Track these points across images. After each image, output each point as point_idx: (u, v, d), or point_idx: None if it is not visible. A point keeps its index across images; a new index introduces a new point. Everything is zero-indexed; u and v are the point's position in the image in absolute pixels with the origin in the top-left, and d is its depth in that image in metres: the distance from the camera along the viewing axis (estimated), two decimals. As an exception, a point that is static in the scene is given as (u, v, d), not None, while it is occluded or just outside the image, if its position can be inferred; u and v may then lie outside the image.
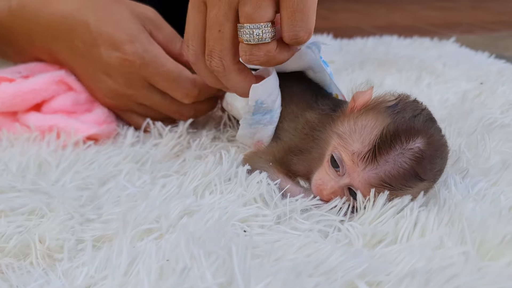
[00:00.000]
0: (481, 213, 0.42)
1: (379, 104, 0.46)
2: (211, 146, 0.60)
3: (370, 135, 0.43)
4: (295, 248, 0.39)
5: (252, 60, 0.48)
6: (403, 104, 0.45)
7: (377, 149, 0.42)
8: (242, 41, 0.47)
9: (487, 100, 0.75)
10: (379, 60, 1.00)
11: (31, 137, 0.61)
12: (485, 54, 1.05)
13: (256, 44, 0.47)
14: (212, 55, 0.49)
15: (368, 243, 0.41)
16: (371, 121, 0.44)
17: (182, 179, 0.51)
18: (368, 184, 0.43)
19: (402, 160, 0.42)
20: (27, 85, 0.62)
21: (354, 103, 0.47)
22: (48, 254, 0.41)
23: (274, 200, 0.46)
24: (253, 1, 0.45)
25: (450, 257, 0.38)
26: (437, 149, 0.43)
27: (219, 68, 0.50)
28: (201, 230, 0.39)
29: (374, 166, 0.42)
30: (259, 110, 0.53)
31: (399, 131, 0.42)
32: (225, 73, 0.50)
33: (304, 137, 0.51)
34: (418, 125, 0.43)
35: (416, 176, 0.42)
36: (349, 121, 0.45)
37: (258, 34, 0.46)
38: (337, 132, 0.46)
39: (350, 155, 0.43)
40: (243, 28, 0.47)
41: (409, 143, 0.42)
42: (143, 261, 0.36)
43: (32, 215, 0.45)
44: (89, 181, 0.53)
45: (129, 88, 0.62)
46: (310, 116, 0.53)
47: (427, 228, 0.41)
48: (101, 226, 0.44)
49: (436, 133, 0.44)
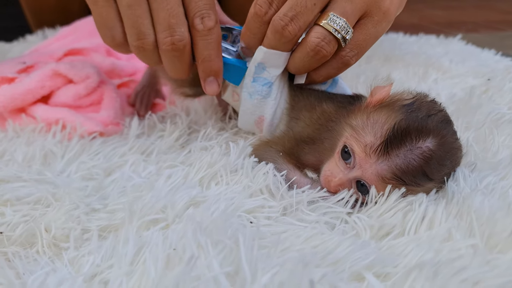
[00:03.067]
0: (489, 207, 0.42)
1: (395, 101, 0.46)
2: (216, 137, 0.59)
3: (382, 129, 0.43)
4: (302, 239, 0.39)
5: (317, 48, 0.49)
6: (419, 104, 0.45)
7: (388, 143, 0.42)
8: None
9: (495, 96, 0.74)
10: (385, 55, 1.00)
11: (37, 128, 0.61)
12: (492, 52, 1.04)
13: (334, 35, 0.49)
14: (294, 19, 0.49)
15: (375, 235, 0.41)
16: (384, 116, 0.44)
17: (188, 170, 0.51)
18: (379, 176, 0.43)
19: (411, 157, 0.42)
20: (21, 86, 0.62)
21: (371, 98, 0.47)
22: (54, 243, 0.41)
23: (281, 191, 0.46)
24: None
25: (459, 249, 0.37)
26: (448, 151, 0.43)
27: (291, 34, 0.49)
28: (208, 220, 0.39)
29: (386, 159, 0.42)
30: (259, 75, 0.53)
31: (410, 128, 0.42)
32: (293, 41, 0.50)
33: (319, 127, 0.51)
34: (430, 125, 0.43)
35: (424, 175, 0.42)
36: (363, 115, 0.46)
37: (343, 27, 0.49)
38: (350, 124, 0.46)
39: (362, 146, 0.43)
40: (334, 16, 0.49)
41: (419, 141, 0.42)
42: (150, 250, 0.36)
43: (38, 205, 0.45)
44: (94, 171, 0.53)
45: None
46: (327, 107, 0.53)
47: (435, 221, 0.41)
48: (107, 216, 0.44)
49: (449, 135, 0.44)
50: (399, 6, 0.55)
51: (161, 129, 0.63)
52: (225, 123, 0.66)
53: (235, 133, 0.64)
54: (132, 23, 0.52)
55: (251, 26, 0.52)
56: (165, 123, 0.63)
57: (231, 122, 0.66)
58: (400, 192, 0.42)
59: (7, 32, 1.10)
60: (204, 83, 0.55)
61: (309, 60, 0.51)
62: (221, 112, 0.70)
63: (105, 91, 0.65)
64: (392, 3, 0.52)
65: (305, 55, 0.51)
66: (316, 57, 0.50)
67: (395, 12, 0.53)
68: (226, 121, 0.66)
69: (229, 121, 0.66)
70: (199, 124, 0.65)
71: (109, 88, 0.66)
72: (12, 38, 1.09)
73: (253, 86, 0.54)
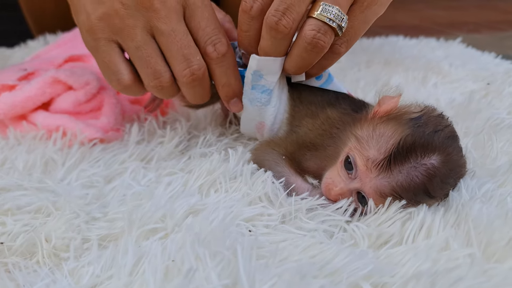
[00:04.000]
0: (487, 215, 0.42)
1: (402, 114, 0.45)
2: (216, 143, 0.59)
3: (387, 144, 0.43)
4: (300, 249, 0.39)
5: (314, 40, 0.47)
6: (426, 118, 0.45)
7: (392, 159, 0.42)
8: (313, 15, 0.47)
9: (494, 101, 0.74)
10: (385, 59, 1.00)
11: (37, 135, 0.61)
12: (492, 55, 1.04)
13: (329, 24, 0.47)
14: (287, 12, 0.47)
15: (373, 244, 0.41)
16: (391, 130, 0.44)
17: (187, 177, 0.51)
18: (377, 191, 0.43)
19: (415, 174, 0.41)
20: (22, 94, 0.62)
21: (378, 108, 0.47)
22: (54, 253, 0.41)
23: (279, 199, 0.46)
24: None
25: (456, 259, 0.37)
26: (452, 169, 0.43)
27: (286, 28, 0.47)
28: (206, 230, 0.39)
29: (387, 175, 0.42)
30: (257, 82, 0.53)
31: (415, 144, 0.42)
32: (289, 35, 0.49)
33: (322, 133, 0.51)
34: (436, 142, 0.42)
35: (426, 193, 0.42)
36: (369, 126, 0.45)
37: (337, 15, 0.47)
38: (355, 135, 0.45)
39: (364, 160, 0.43)
40: (326, 5, 0.47)
41: (424, 158, 0.42)
42: (149, 261, 0.36)
43: (38, 214, 0.46)
44: (94, 179, 0.53)
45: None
46: (331, 113, 0.52)
47: (433, 230, 0.41)
48: (107, 225, 0.45)
49: (454, 153, 0.43)
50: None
51: (161, 135, 0.63)
52: (225, 129, 0.66)
53: (235, 139, 0.64)
54: (145, 63, 0.52)
55: (241, 24, 0.50)
56: (165, 129, 0.63)
57: (232, 127, 0.66)
58: (400, 204, 0.42)
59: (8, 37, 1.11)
60: (228, 104, 0.56)
61: (307, 55, 0.49)
62: (222, 117, 0.70)
63: (105, 97, 0.65)
64: None
65: (302, 51, 0.49)
66: (315, 50, 0.48)
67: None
68: (226, 126, 0.67)
69: (229, 127, 0.66)
70: (199, 130, 0.65)
71: (109, 94, 0.66)
72: (14, 43, 1.10)
73: (252, 93, 0.54)
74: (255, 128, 0.58)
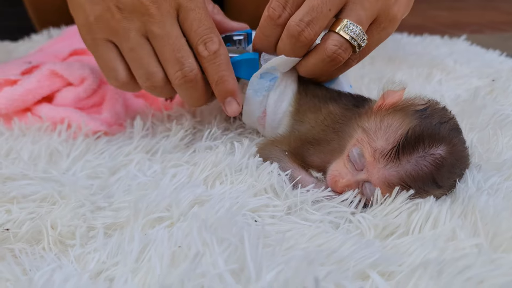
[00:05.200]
0: (494, 207, 0.42)
1: (408, 106, 0.46)
2: (221, 137, 0.59)
3: (395, 134, 0.43)
4: (306, 238, 0.39)
5: (334, 55, 0.50)
6: (431, 110, 0.45)
7: (400, 148, 0.42)
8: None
9: (499, 97, 0.74)
10: (389, 56, 1.00)
11: (42, 127, 0.61)
12: (496, 52, 1.04)
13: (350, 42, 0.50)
14: (311, 24, 0.49)
15: (379, 234, 0.41)
16: (398, 121, 0.44)
17: (193, 169, 0.51)
18: (386, 181, 0.43)
19: (423, 163, 0.42)
20: (21, 88, 0.62)
21: (383, 101, 0.47)
22: (60, 240, 0.41)
23: (285, 191, 0.46)
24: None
25: (463, 248, 0.37)
26: (458, 159, 0.43)
27: (307, 40, 0.50)
28: (213, 218, 0.39)
29: (395, 164, 0.42)
30: (268, 71, 0.55)
31: (424, 134, 0.42)
32: (308, 45, 0.51)
33: (325, 128, 0.52)
34: (443, 133, 0.43)
35: (434, 182, 0.42)
36: (376, 118, 0.46)
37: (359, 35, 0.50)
38: (363, 127, 0.46)
39: (372, 151, 0.44)
40: (350, 24, 0.50)
41: (432, 148, 0.42)
42: (155, 248, 0.36)
43: (44, 202, 0.46)
44: (99, 170, 0.53)
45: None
46: (333, 109, 0.53)
47: (440, 220, 0.41)
48: (112, 214, 0.44)
49: (459, 144, 0.44)
50: (405, 11, 0.55)
51: (167, 129, 0.63)
52: (230, 123, 0.66)
53: (240, 133, 0.64)
54: (139, 65, 0.53)
55: (265, 29, 0.52)
56: (170, 123, 0.64)
57: (236, 122, 0.66)
58: (407, 195, 0.42)
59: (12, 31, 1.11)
60: (224, 105, 0.56)
61: (324, 65, 0.51)
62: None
63: (107, 92, 0.65)
64: (399, 10, 0.53)
65: (320, 62, 0.51)
66: (332, 63, 0.51)
67: (401, 17, 0.54)
68: (231, 121, 0.67)
69: (234, 121, 0.66)
70: (204, 124, 0.65)
71: (110, 88, 0.66)
72: (18, 38, 1.10)
73: (259, 82, 0.55)
74: (257, 121, 0.58)
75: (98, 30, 0.53)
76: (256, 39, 0.54)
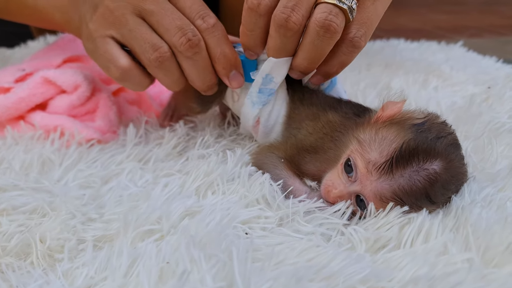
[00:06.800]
0: (486, 219, 0.41)
1: (406, 119, 0.45)
2: (214, 145, 0.59)
3: (389, 147, 0.43)
4: (296, 252, 0.39)
5: (326, 22, 0.47)
6: (429, 124, 0.44)
7: (394, 162, 0.42)
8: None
9: (495, 105, 0.74)
10: (386, 62, 0.99)
11: (35, 135, 0.61)
12: (493, 59, 1.04)
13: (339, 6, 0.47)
14: (296, 8, 0.47)
15: (371, 247, 0.41)
16: (393, 134, 0.43)
17: (185, 179, 0.51)
18: (377, 195, 0.42)
19: (417, 178, 0.41)
20: (14, 96, 0.62)
21: (382, 112, 0.47)
22: (48, 254, 0.41)
23: (277, 201, 0.46)
24: None
25: (454, 263, 0.37)
26: (453, 176, 0.43)
27: (296, 25, 0.47)
28: (202, 232, 0.39)
29: (388, 178, 0.42)
30: (266, 86, 0.53)
31: (418, 149, 0.42)
32: (299, 32, 0.48)
33: (323, 136, 0.51)
34: (439, 148, 0.42)
35: (427, 197, 0.42)
36: (372, 129, 0.45)
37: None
38: (357, 138, 0.45)
39: (365, 163, 0.43)
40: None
41: (426, 163, 0.41)
42: (144, 263, 0.36)
43: (33, 214, 0.45)
44: (91, 179, 0.53)
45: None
46: (332, 117, 0.52)
47: (432, 234, 0.40)
48: (103, 226, 0.44)
49: (456, 160, 0.43)
50: None
51: (160, 136, 0.63)
52: (224, 130, 0.66)
53: (233, 140, 0.64)
54: (142, 40, 0.53)
55: (247, 23, 0.50)
56: (163, 130, 0.63)
57: (230, 128, 0.66)
58: (401, 210, 0.42)
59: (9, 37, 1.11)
60: (228, 79, 0.55)
61: (320, 41, 0.47)
62: (220, 118, 0.70)
63: (100, 99, 0.65)
64: None
65: (315, 37, 0.47)
66: (327, 35, 0.47)
67: None
68: (224, 127, 0.66)
69: (228, 128, 0.66)
70: (197, 131, 0.65)
71: (104, 96, 0.66)
72: (14, 44, 1.10)
73: (258, 96, 0.54)
74: (251, 128, 0.58)
75: (95, 30, 0.54)
76: (242, 37, 0.52)
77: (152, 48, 0.52)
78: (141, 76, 0.56)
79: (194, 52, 0.52)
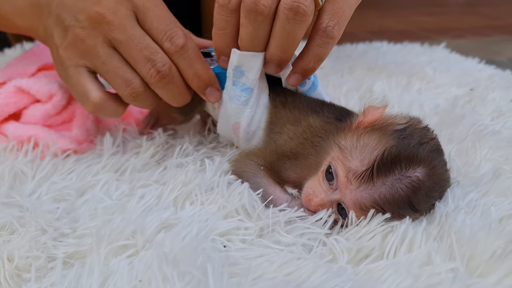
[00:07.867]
0: (470, 226, 0.40)
1: (387, 125, 0.44)
2: (193, 153, 0.57)
3: (371, 155, 0.41)
4: (275, 266, 0.37)
5: (294, 4, 0.45)
6: (411, 130, 0.43)
7: (375, 170, 0.40)
8: None
9: (478, 107, 0.73)
10: (368, 65, 0.99)
11: (8, 146, 0.59)
12: (476, 60, 1.04)
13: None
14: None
15: (353, 258, 0.39)
16: (375, 141, 0.42)
17: (162, 189, 0.49)
18: (358, 204, 0.41)
19: (399, 186, 0.40)
20: None
21: (363, 118, 0.45)
22: (16, 273, 0.39)
23: (257, 211, 0.45)
24: None
25: (438, 274, 0.36)
26: (436, 183, 0.42)
27: (266, 8, 0.45)
28: (177, 247, 0.37)
29: (369, 187, 0.41)
30: (238, 79, 0.52)
31: (400, 155, 0.41)
32: (270, 15, 0.46)
33: (303, 141, 0.49)
34: (421, 154, 0.41)
35: (410, 206, 0.41)
36: (353, 136, 0.44)
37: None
38: (339, 145, 0.44)
39: (346, 171, 0.42)
40: None
41: (409, 170, 0.40)
42: (115, 282, 0.34)
43: (2, 231, 0.43)
44: (66, 192, 0.51)
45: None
46: (313, 121, 0.50)
47: (415, 243, 0.39)
48: (75, 241, 0.42)
49: (439, 166, 0.42)
50: None
51: (138, 145, 0.61)
52: (204, 137, 0.64)
53: (213, 148, 0.62)
54: (114, 75, 0.52)
55: (219, 22, 0.49)
56: (141, 139, 0.62)
57: (210, 135, 0.65)
58: (383, 218, 0.41)
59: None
60: (205, 96, 0.54)
61: (291, 26, 0.46)
62: (201, 125, 0.68)
63: (77, 108, 0.63)
64: None
65: (285, 22, 0.46)
66: (297, 18, 0.45)
67: None
68: (205, 134, 0.65)
69: (208, 135, 0.65)
70: (177, 139, 0.63)
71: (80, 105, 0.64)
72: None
73: (233, 89, 0.53)
74: (231, 129, 0.56)
75: (68, 58, 0.53)
76: (214, 39, 0.51)
77: (125, 84, 0.52)
78: (115, 106, 0.55)
79: (166, 82, 0.52)
